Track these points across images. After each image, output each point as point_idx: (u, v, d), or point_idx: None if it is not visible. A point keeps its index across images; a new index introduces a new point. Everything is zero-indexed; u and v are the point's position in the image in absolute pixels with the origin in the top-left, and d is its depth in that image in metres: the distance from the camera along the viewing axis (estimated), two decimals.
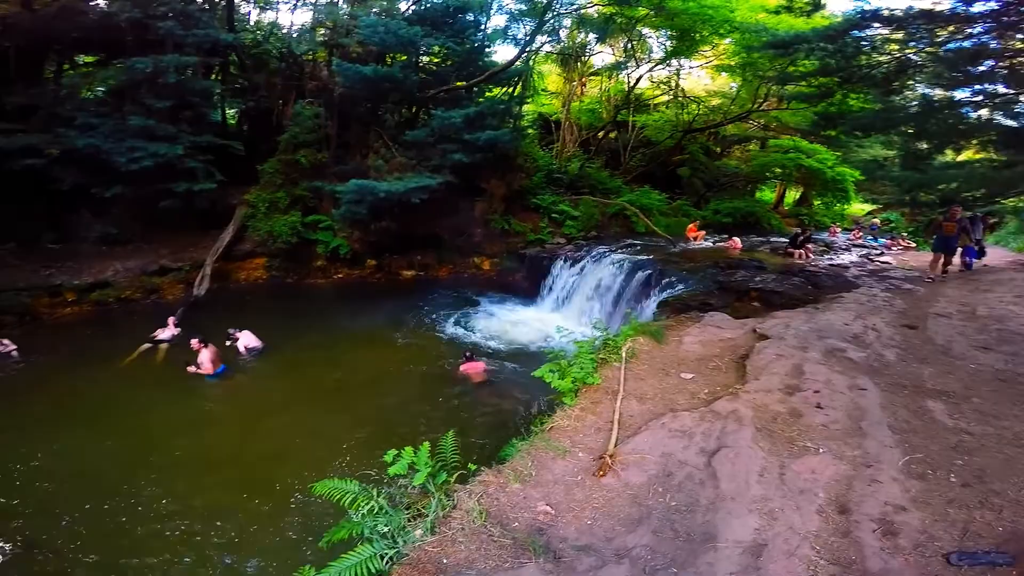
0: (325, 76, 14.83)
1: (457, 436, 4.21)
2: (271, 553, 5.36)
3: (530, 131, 19.18)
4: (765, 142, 23.34)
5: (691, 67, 22.39)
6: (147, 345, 9.82)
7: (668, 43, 19.49)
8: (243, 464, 6.87)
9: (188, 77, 12.64)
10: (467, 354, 9.27)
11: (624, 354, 5.73)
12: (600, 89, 23.74)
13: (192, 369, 8.75)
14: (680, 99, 22.45)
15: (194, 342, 8.84)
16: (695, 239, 15.16)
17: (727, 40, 17.89)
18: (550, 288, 12.99)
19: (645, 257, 12.31)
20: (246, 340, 9.77)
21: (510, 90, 17.58)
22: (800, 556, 3.14)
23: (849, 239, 17.48)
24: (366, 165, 14.03)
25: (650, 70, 21.47)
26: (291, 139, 13.82)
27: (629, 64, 20.78)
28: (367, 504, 3.64)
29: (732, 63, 19.31)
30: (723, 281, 10.23)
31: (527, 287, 13.95)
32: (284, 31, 16.66)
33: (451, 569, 3.22)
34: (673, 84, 22.77)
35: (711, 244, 14.92)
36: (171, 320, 10.31)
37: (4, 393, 8.45)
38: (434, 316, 11.97)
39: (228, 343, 9.65)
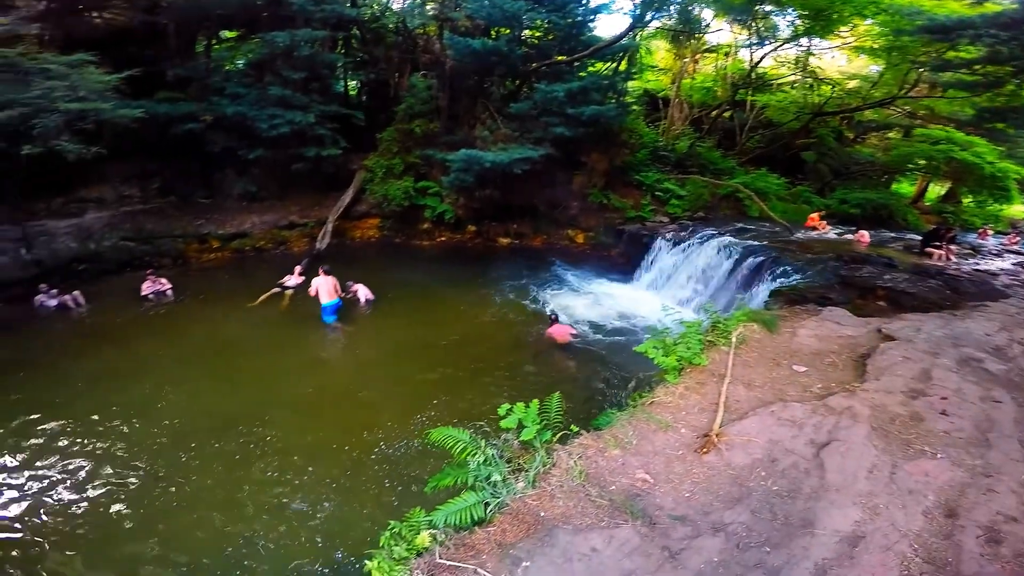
0: (437, 50, 15.34)
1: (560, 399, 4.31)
2: (369, 495, 5.81)
3: (635, 107, 18.45)
4: (910, 130, 20.62)
5: (825, 47, 20.25)
6: (276, 289, 11.02)
7: (798, 21, 17.73)
8: (349, 408, 7.48)
9: (317, 50, 13.57)
10: (552, 317, 9.44)
11: (734, 339, 5.51)
12: (715, 67, 22.25)
13: (312, 292, 9.65)
14: (810, 80, 20.44)
15: (321, 270, 9.77)
16: (818, 229, 13.92)
17: (868, 21, 15.97)
18: (647, 267, 12.64)
19: (757, 243, 11.54)
20: (364, 293, 10.66)
21: (615, 65, 17.04)
22: (896, 551, 3.12)
23: (1003, 244, 15.10)
24: (473, 135, 14.46)
25: (774, 49, 19.72)
26: (407, 110, 14.54)
27: (751, 42, 19.23)
28: (476, 454, 3.86)
29: (875, 45, 17.18)
30: (846, 276, 9.43)
31: (622, 264, 13.69)
32: (398, 6, 17.35)
33: (548, 522, 3.38)
34: (802, 64, 20.76)
35: (834, 235, 13.63)
36: (297, 269, 11.46)
37: (158, 330, 9.85)
38: (526, 283, 12.22)
39: (346, 294, 10.54)
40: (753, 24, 18.35)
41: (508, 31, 14.85)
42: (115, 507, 5.63)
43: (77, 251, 11.79)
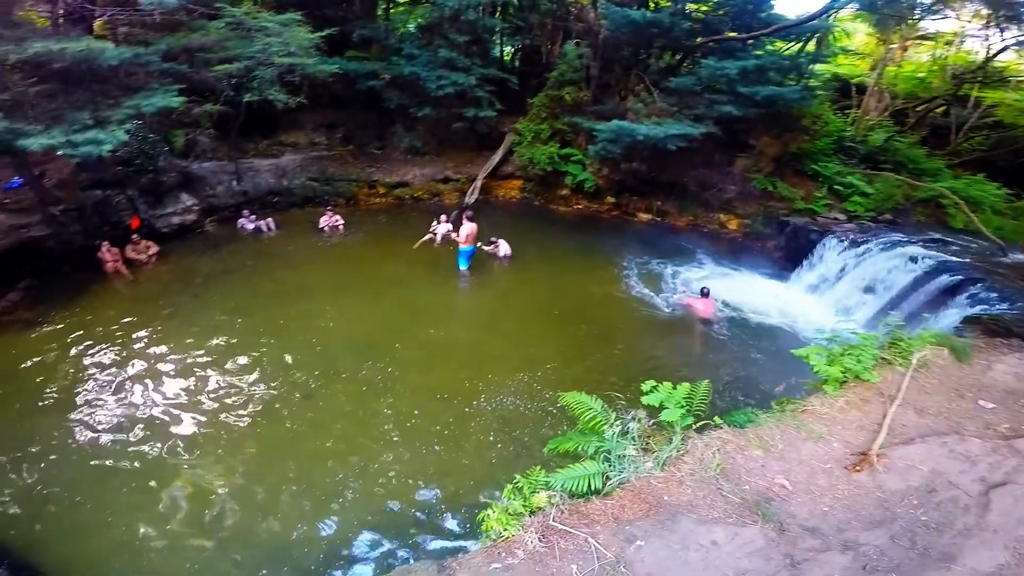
0: (591, 19, 15.06)
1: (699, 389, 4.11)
2: (472, 446, 6.09)
3: (820, 92, 16.15)
4: None
5: None
6: (428, 236, 11.98)
7: None
8: (469, 357, 7.91)
9: (480, 15, 14.06)
10: (704, 289, 9.21)
11: (914, 361, 4.76)
12: (932, 56, 18.64)
13: (454, 235, 10.46)
14: None
15: (465, 216, 10.45)
16: None
17: None
18: (810, 266, 11.24)
19: (956, 259, 9.69)
20: (504, 249, 11.18)
21: (801, 46, 15.18)
22: None
23: None
24: (624, 107, 14.04)
25: (1020, 42, 15.80)
26: (558, 77, 14.56)
27: (988, 32, 15.68)
28: (608, 425, 3.84)
29: None
30: None
31: (778, 258, 12.36)
32: None
33: (671, 507, 3.32)
34: None
35: None
36: (443, 217, 12.32)
37: (327, 258, 11.34)
38: (663, 263, 11.65)
39: (488, 247, 11.16)
40: (995, 14, 14.83)
41: (667, 3, 14.07)
42: (254, 412, 6.60)
43: (273, 186, 13.97)
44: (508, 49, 18.62)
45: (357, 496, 5.44)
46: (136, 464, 5.78)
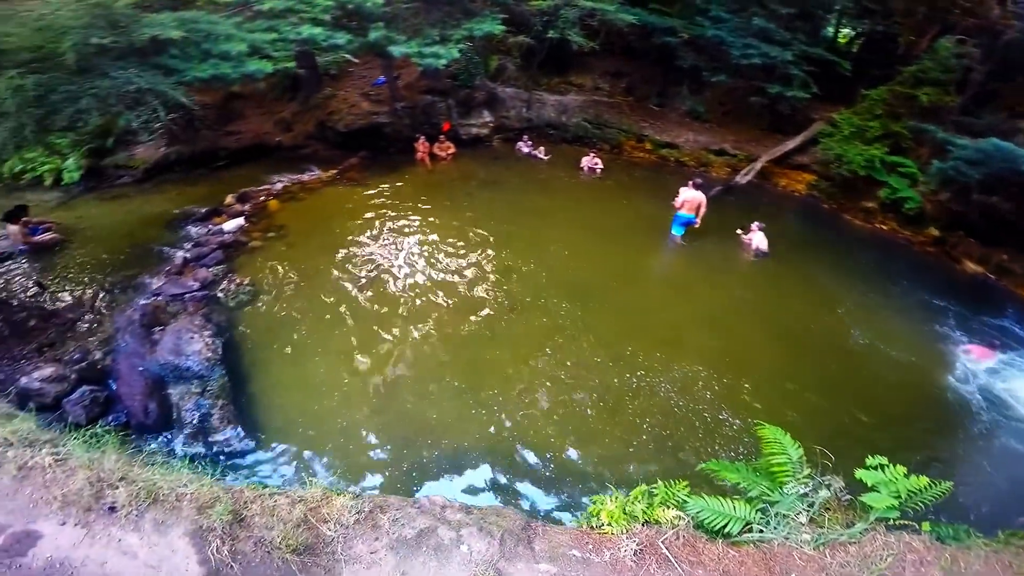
0: (993, 15, 11.32)
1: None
2: (618, 429, 5.87)
3: None
4: None
5: None
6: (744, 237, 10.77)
7: None
8: (664, 337, 7.43)
9: None
10: (995, 342, 8.20)
11: None
12: None
13: (679, 202, 9.67)
14: None
15: (692, 183, 9.78)
16: None
17: None
18: None
19: None
20: (759, 241, 9.85)
21: None
22: None
23: None
24: (1013, 126, 10.69)
25: None
26: (917, 72, 11.71)
27: None
28: (790, 478, 3.34)
29: None
30: None
31: None
32: None
33: None
34: None
35: None
36: (691, 183, 10.57)
37: (578, 197, 12.05)
38: (972, 331, 8.50)
39: (744, 236, 10.14)
40: None
41: None
42: (464, 307, 7.55)
43: (553, 119, 15.21)
44: (846, 31, 16.21)
45: (499, 419, 5.87)
46: (358, 314, 7.31)
